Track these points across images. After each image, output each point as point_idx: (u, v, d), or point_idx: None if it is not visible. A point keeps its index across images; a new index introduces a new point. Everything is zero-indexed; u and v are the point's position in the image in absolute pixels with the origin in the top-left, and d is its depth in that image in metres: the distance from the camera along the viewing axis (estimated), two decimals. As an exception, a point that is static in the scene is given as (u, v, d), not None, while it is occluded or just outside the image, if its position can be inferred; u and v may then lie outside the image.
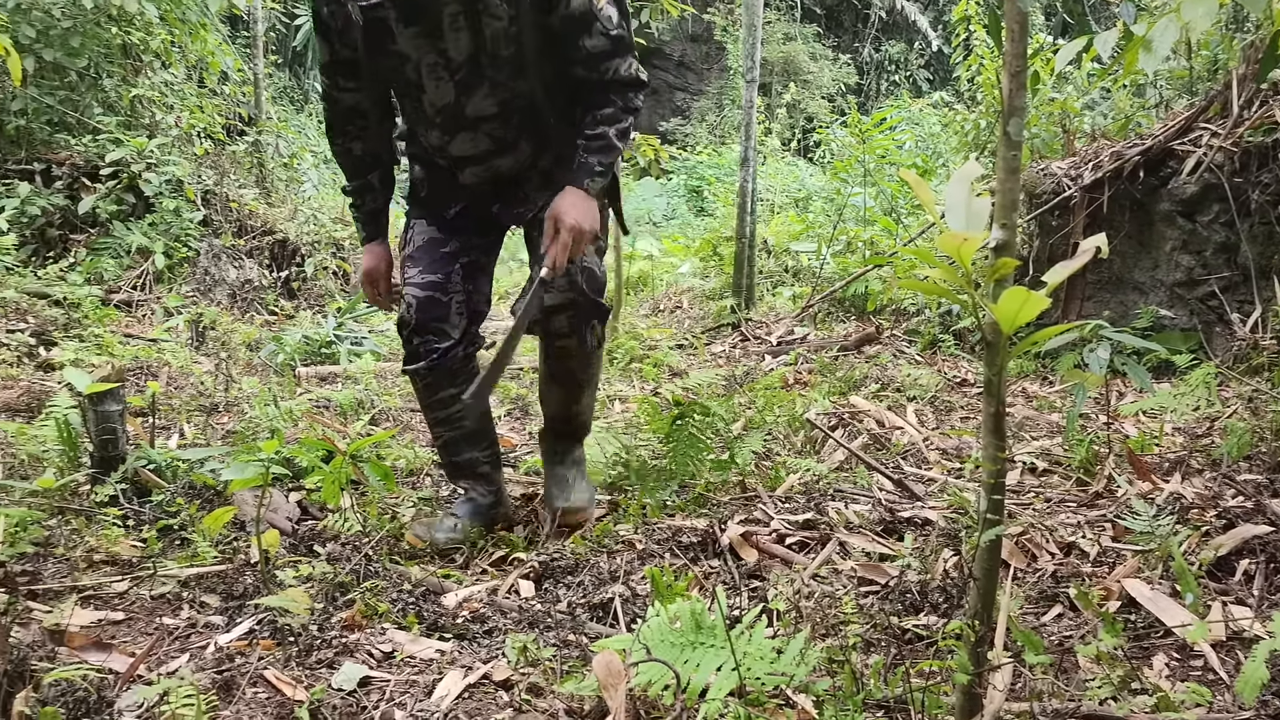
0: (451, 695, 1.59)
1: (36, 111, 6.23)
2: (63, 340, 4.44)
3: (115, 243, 5.82)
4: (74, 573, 2.07)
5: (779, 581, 2.02)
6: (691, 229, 12.08)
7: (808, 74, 18.80)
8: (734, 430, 3.12)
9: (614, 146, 2.27)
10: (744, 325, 5.98)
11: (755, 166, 6.30)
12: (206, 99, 7.13)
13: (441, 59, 2.20)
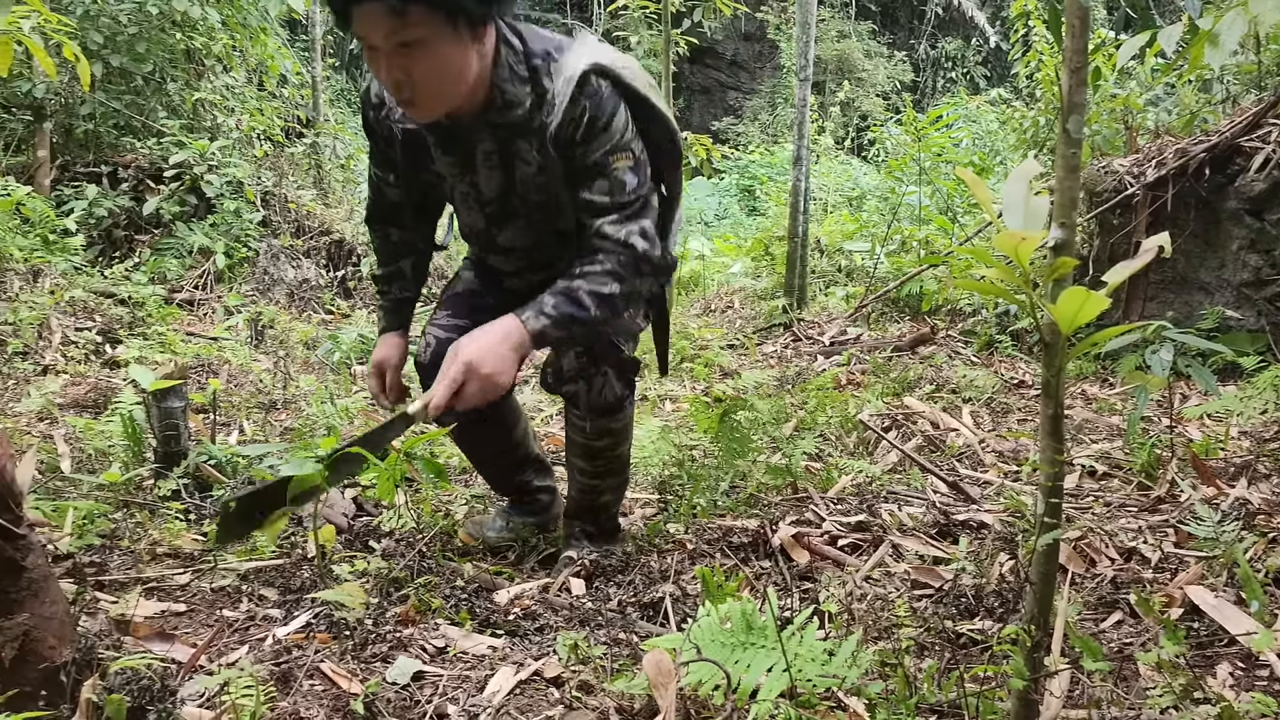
0: (503, 691, 1.60)
1: (104, 115, 6.39)
2: (128, 338, 4.55)
3: (178, 243, 5.95)
4: (138, 565, 2.12)
5: (831, 583, 2.00)
6: (743, 228, 12.03)
7: (862, 72, 18.63)
8: (785, 431, 3.10)
9: (580, 304, 1.95)
10: (796, 325, 5.94)
11: (808, 165, 6.26)
12: (266, 102, 7.27)
13: (473, 190, 2.13)
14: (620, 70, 1.99)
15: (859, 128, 16.13)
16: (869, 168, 11.67)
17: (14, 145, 6.07)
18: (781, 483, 2.72)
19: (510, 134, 2.02)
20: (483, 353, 1.88)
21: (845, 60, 18.75)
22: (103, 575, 2.06)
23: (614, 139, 1.97)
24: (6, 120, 6.03)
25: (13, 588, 1.39)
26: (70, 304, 4.67)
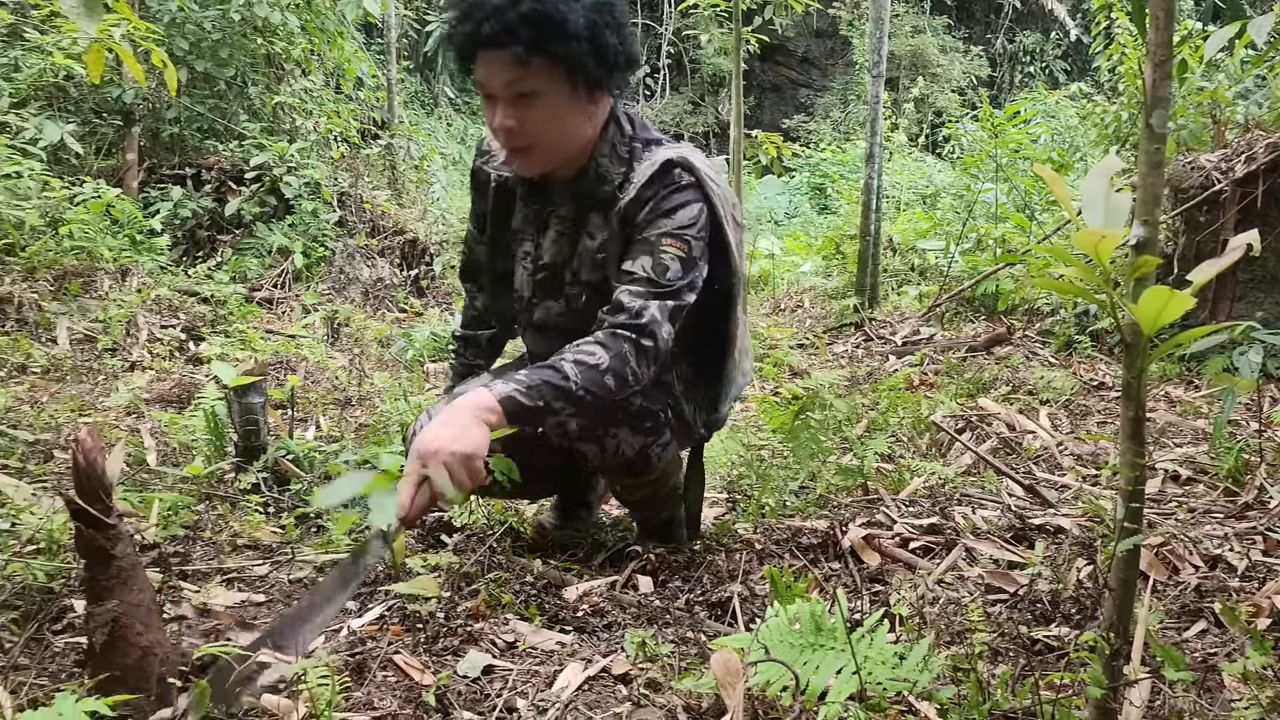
0: (572, 686, 1.62)
1: (189, 119, 6.59)
2: (210, 335, 4.68)
3: (258, 243, 6.11)
4: (219, 555, 2.18)
5: (902, 586, 1.98)
6: (814, 227, 11.94)
7: (937, 67, 18.34)
8: (856, 431, 3.07)
9: (560, 372, 1.82)
10: (867, 325, 5.87)
11: (881, 163, 6.18)
12: (343, 104, 7.42)
13: (533, 252, 2.13)
14: (708, 176, 2.01)
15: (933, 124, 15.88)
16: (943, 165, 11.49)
17: (104, 149, 6.29)
18: (852, 484, 2.69)
19: (589, 205, 2.04)
20: (431, 434, 1.68)
21: (919, 56, 18.47)
22: (186, 565, 2.13)
23: (674, 225, 1.95)
24: (98, 125, 6.25)
25: (103, 575, 1.45)
26: (156, 302, 4.82)
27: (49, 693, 1.50)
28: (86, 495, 1.43)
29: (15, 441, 2.77)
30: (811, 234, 10.57)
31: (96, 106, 6.28)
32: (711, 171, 2.04)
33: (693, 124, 19.36)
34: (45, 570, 1.84)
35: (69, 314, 4.33)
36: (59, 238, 4.66)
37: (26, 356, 3.76)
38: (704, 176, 2.00)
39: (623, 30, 1.89)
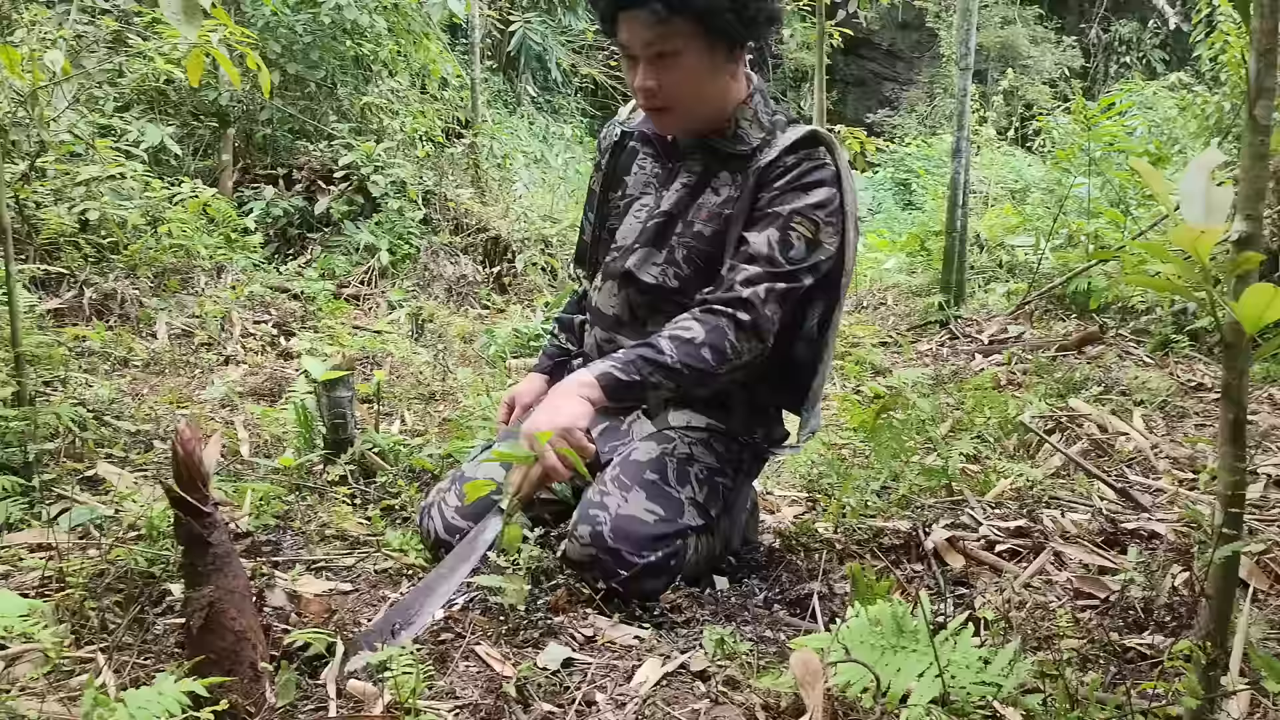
0: (650, 682, 1.62)
1: (281, 121, 6.78)
2: (300, 331, 4.82)
3: (346, 241, 6.25)
4: (309, 545, 2.24)
5: (987, 589, 1.94)
6: (898, 223, 11.76)
7: (1027, 58, 17.88)
8: (941, 431, 3.02)
9: (657, 348, 1.87)
10: (953, 323, 5.76)
11: (968, 157, 6.06)
12: (428, 104, 7.55)
13: (653, 201, 2.13)
14: (845, 165, 2.01)
15: (1023, 117, 15.48)
16: (1033, 159, 11.19)
17: (201, 150, 6.50)
18: (936, 484, 2.65)
19: (721, 162, 2.06)
20: (538, 415, 1.83)
21: (1009, 47, 18.03)
22: (277, 554, 2.19)
23: (808, 202, 1.95)
24: (195, 127, 6.47)
25: (200, 562, 1.50)
26: (249, 299, 4.97)
27: (150, 672, 1.57)
28: (185, 485, 1.49)
29: (118, 432, 2.88)
30: (895, 230, 10.41)
31: (194, 109, 6.51)
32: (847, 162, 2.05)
33: (774, 120, 19.20)
34: (146, 556, 1.92)
35: (168, 310, 4.49)
36: (159, 236, 4.84)
37: (129, 350, 3.92)
38: (843, 164, 2.02)
39: None
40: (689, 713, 1.53)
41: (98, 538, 2.13)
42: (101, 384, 3.30)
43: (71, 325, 3.97)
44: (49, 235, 4.36)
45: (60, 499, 2.35)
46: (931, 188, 10.03)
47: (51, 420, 2.57)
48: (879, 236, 9.47)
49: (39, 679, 1.50)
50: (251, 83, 6.27)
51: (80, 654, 1.63)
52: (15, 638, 1.63)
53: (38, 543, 2.12)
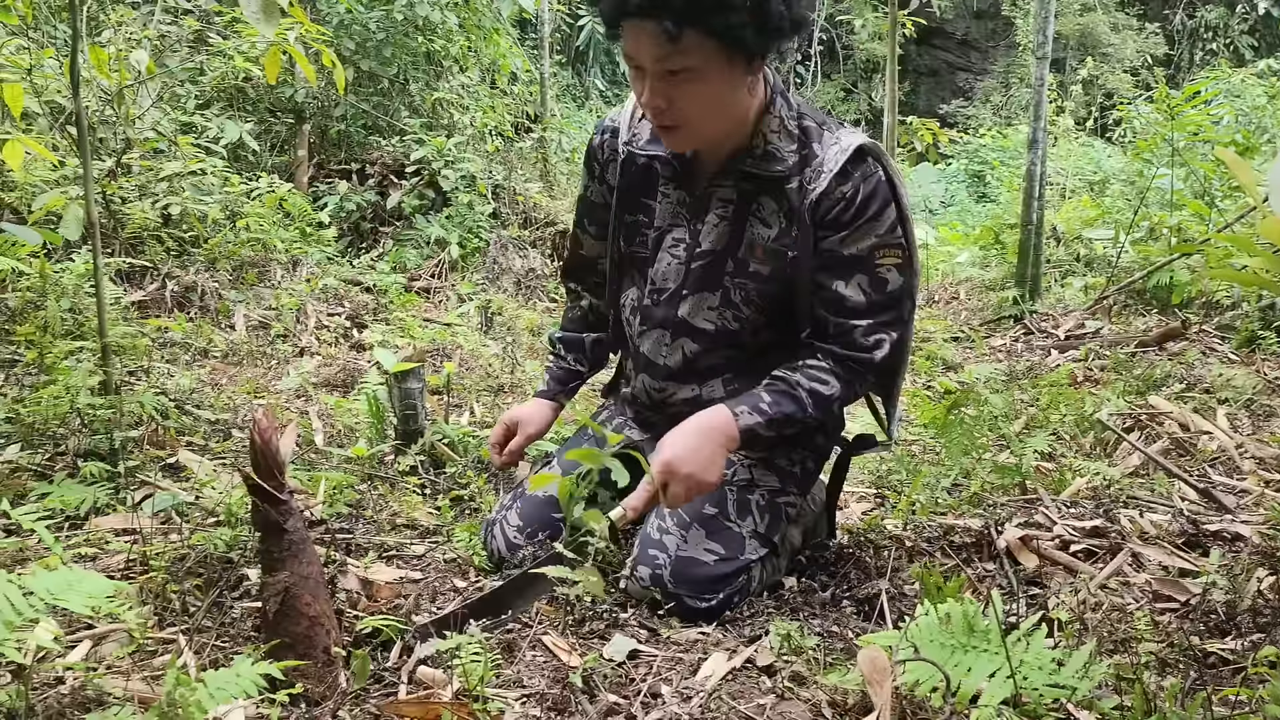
0: (716, 676, 1.62)
1: (354, 117, 6.90)
2: (372, 323, 4.90)
3: (417, 234, 6.35)
4: (380, 533, 2.28)
5: (1061, 590, 1.90)
6: (971, 216, 11.54)
7: (1107, 46, 17.41)
8: (1014, 428, 2.96)
9: (800, 402, 1.84)
10: (1028, 318, 5.64)
11: (1045, 148, 5.92)
12: (498, 99, 7.62)
13: (688, 239, 1.95)
14: (894, 168, 1.86)
15: (1103, 107, 15.08)
16: (1113, 150, 10.89)
17: (278, 146, 6.65)
18: (1009, 482, 2.59)
19: (758, 188, 1.88)
20: (684, 452, 1.76)
21: (1089, 35, 17.57)
22: (349, 541, 2.24)
23: (884, 230, 1.82)
24: (272, 124, 6.62)
25: (276, 548, 1.54)
26: (323, 291, 5.07)
27: (228, 654, 1.61)
28: (262, 472, 1.52)
29: (199, 421, 2.97)
30: (969, 223, 10.22)
31: (271, 106, 6.65)
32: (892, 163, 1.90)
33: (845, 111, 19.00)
34: (225, 541, 1.97)
35: (245, 302, 4.61)
36: (237, 230, 4.96)
37: (208, 341, 4.03)
38: (893, 168, 1.87)
39: None
40: (754, 708, 1.53)
41: (179, 523, 2.19)
42: (183, 374, 3.40)
43: (154, 317, 4.09)
44: (133, 230, 4.50)
45: (144, 485, 2.43)
46: (1006, 179, 9.81)
47: (136, 409, 2.66)
48: (951, 230, 9.30)
49: (124, 658, 1.55)
50: (326, 79, 6.39)
51: (162, 635, 1.69)
52: (102, 618, 1.69)
53: (123, 527, 2.19)
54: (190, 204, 4.69)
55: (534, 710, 1.50)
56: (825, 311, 1.88)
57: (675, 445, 1.77)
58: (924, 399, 3.21)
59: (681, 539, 1.89)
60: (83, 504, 2.25)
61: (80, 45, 2.53)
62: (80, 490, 2.29)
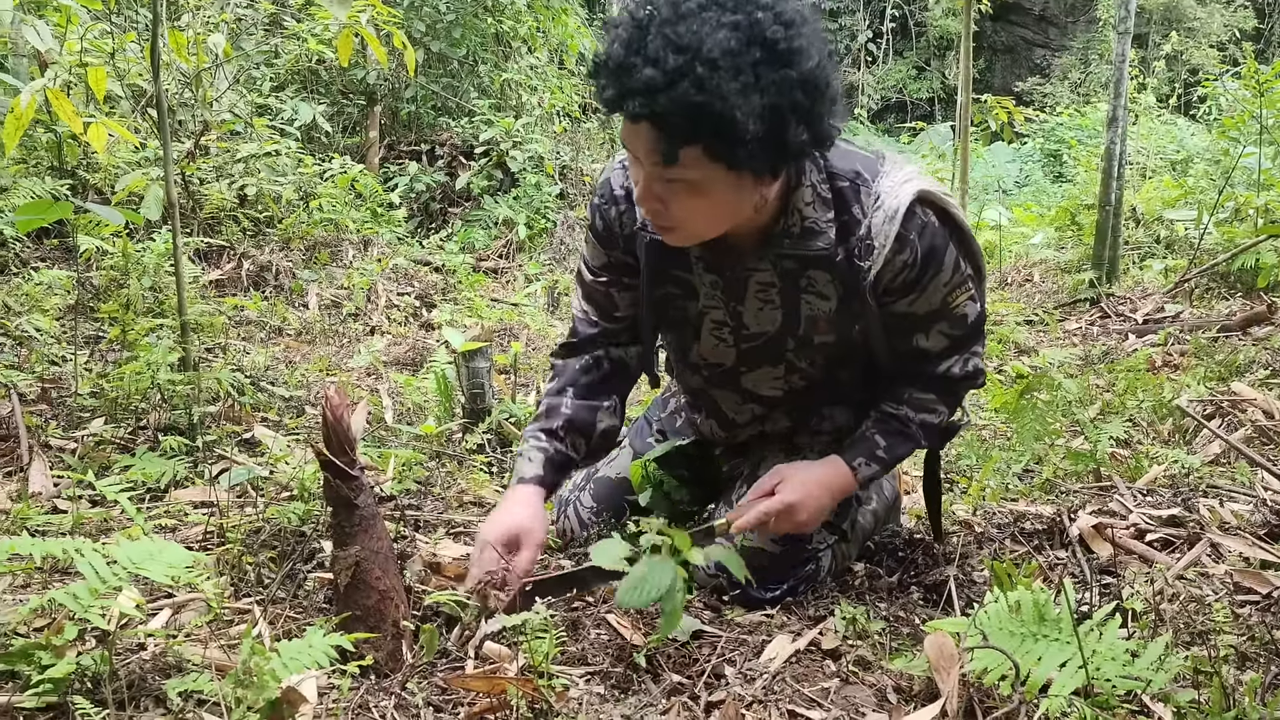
0: (780, 658, 1.61)
1: (424, 98, 6.97)
2: (441, 303, 4.96)
3: (485, 215, 6.40)
4: (448, 510, 2.31)
5: (1136, 580, 1.85)
6: (1047, 196, 11.28)
7: (1193, 20, 16.80)
8: (1089, 414, 2.89)
9: (912, 438, 1.83)
10: (1105, 301, 5.50)
11: (1125, 126, 5.75)
12: (565, 79, 7.63)
13: (732, 320, 1.80)
14: (946, 200, 1.71)
15: (1187, 83, 14.58)
16: (1197, 128, 10.54)
17: (350, 128, 6.76)
18: (1083, 469, 2.54)
19: (801, 266, 1.71)
20: (805, 499, 1.75)
21: (1173, 9, 16.97)
22: (418, 518, 2.27)
23: (949, 276, 1.71)
24: (344, 105, 6.72)
25: (347, 522, 1.57)
26: (394, 271, 5.15)
27: (301, 626, 1.65)
28: (334, 448, 1.55)
29: (273, 397, 3.04)
30: (1044, 204, 9.98)
31: (344, 88, 6.76)
32: (942, 189, 1.74)
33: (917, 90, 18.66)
34: (298, 515, 2.02)
35: (318, 281, 4.70)
36: (310, 211, 5.05)
37: (283, 320, 4.12)
38: (945, 203, 1.70)
39: (814, 110, 1.46)
40: (819, 691, 1.52)
41: (254, 496, 2.25)
42: (258, 351, 3.48)
43: (231, 295, 4.19)
44: (211, 210, 4.61)
45: (220, 459, 2.50)
46: (1084, 159, 9.55)
47: (213, 385, 2.73)
48: (1026, 211, 9.09)
49: (202, 627, 1.60)
50: (397, 61, 6.47)
51: (238, 605, 1.73)
52: (181, 587, 1.74)
53: (201, 500, 2.26)
54: (265, 185, 4.79)
55: (598, 688, 1.51)
56: (912, 360, 1.82)
57: (800, 491, 1.76)
58: (995, 383, 3.15)
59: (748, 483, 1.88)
60: (163, 477, 2.32)
61: (160, 29, 2.59)
62: (160, 463, 2.36)
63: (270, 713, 1.28)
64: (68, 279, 3.48)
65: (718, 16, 1.40)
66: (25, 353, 3.02)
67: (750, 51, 1.39)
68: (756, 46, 1.39)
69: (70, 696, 1.34)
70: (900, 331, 1.77)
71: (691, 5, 1.41)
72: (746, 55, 1.38)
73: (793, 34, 1.42)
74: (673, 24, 1.39)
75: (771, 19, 1.41)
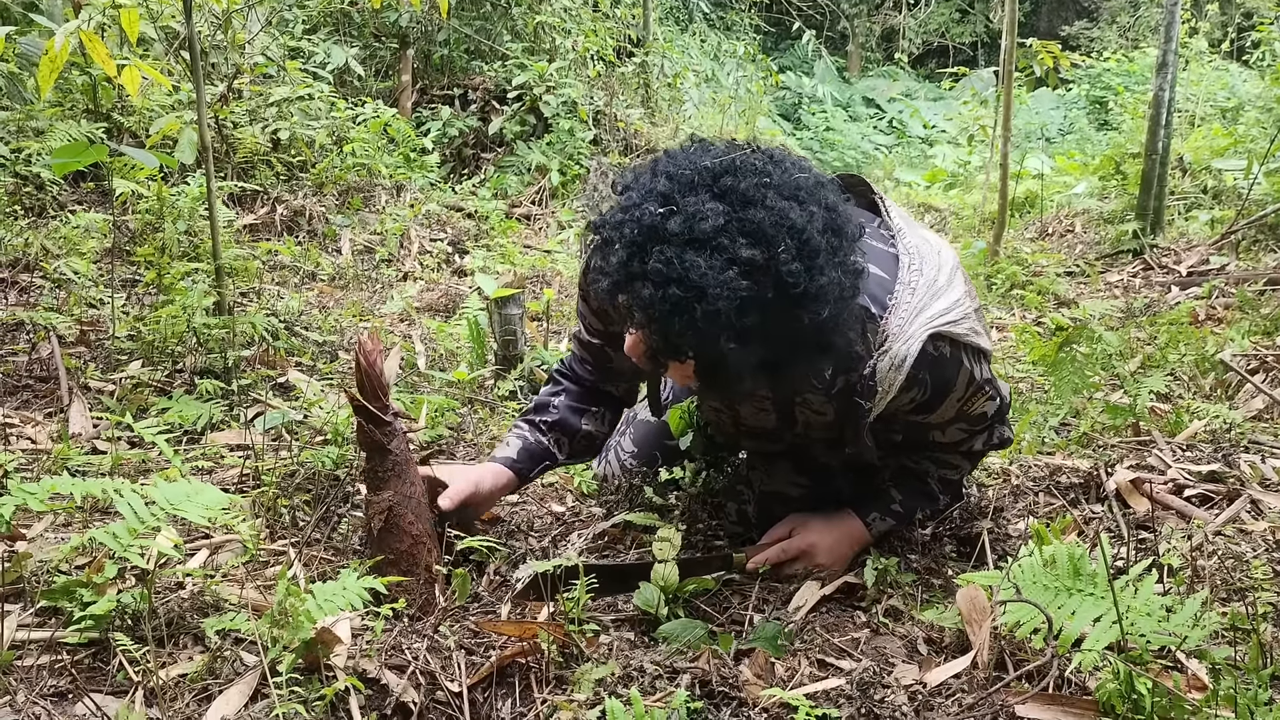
0: (808, 606, 1.62)
1: (457, 41, 6.90)
2: (473, 249, 4.95)
3: (518, 161, 6.36)
4: (479, 456, 2.32)
5: (1173, 535, 1.83)
6: (1091, 145, 11.03)
7: (1248, -38, 16.22)
8: (1129, 367, 2.84)
9: (929, 494, 1.81)
10: (1148, 252, 5.39)
11: (1174, 72, 5.58)
12: (599, 22, 7.51)
13: (729, 411, 1.78)
14: (960, 332, 1.56)
15: (1241, 28, 14.12)
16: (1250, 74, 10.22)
17: (382, 72, 6.71)
18: (1121, 423, 2.50)
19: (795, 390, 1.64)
20: (825, 547, 1.73)
21: (1227, -51, 16.39)
22: (450, 463, 2.28)
23: (964, 392, 1.61)
24: (377, 49, 6.67)
25: (380, 467, 1.57)
26: (426, 216, 5.14)
27: (335, 568, 1.67)
28: (367, 394, 1.56)
29: (307, 342, 3.05)
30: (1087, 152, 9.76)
31: (376, 31, 6.70)
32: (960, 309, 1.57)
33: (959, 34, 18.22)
34: (332, 459, 2.03)
35: (351, 226, 4.70)
36: (343, 155, 5.04)
37: (316, 265, 4.13)
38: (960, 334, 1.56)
39: (817, 347, 1.41)
40: (848, 641, 1.52)
41: (288, 440, 2.27)
42: (291, 296, 3.50)
43: (264, 240, 4.20)
44: (244, 154, 4.61)
45: (255, 403, 2.52)
46: (1130, 106, 9.30)
47: (248, 329, 2.74)
48: (1069, 159, 8.90)
49: (238, 567, 1.62)
50: (430, 4, 6.39)
51: (273, 547, 1.76)
52: (218, 528, 1.77)
53: (236, 443, 2.28)
54: (298, 129, 4.78)
55: (628, 633, 1.52)
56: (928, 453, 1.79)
57: (819, 535, 1.74)
58: (1034, 335, 3.10)
59: (765, 475, 1.89)
60: (199, 419, 2.35)
61: (192, -30, 2.56)
62: (197, 406, 2.39)
63: (305, 652, 1.30)
64: (104, 222, 3.51)
65: (733, 248, 1.30)
66: (64, 295, 3.06)
67: (758, 298, 1.30)
68: (768, 289, 1.31)
69: (111, 633, 1.37)
70: (913, 429, 1.70)
71: (707, 227, 1.30)
72: (752, 305, 1.30)
73: (813, 272, 1.32)
74: (681, 247, 1.30)
75: (793, 253, 1.31)
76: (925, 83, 16.89)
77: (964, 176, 9.84)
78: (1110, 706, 1.25)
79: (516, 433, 1.89)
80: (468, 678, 1.33)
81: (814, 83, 13.34)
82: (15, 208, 3.64)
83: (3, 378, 2.51)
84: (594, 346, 1.86)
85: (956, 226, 6.93)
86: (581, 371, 1.91)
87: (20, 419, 2.32)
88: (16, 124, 3.85)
